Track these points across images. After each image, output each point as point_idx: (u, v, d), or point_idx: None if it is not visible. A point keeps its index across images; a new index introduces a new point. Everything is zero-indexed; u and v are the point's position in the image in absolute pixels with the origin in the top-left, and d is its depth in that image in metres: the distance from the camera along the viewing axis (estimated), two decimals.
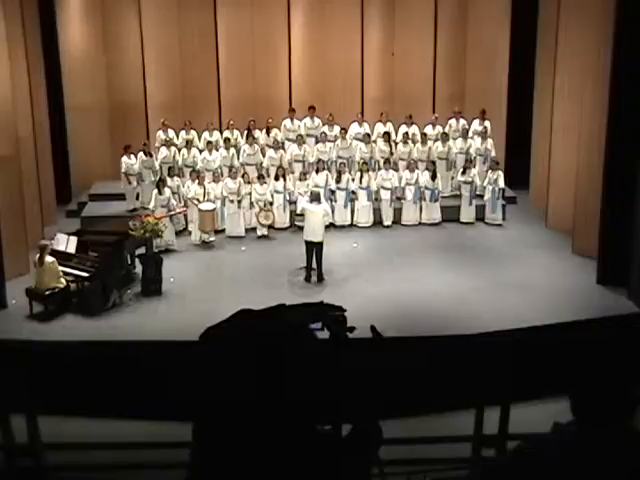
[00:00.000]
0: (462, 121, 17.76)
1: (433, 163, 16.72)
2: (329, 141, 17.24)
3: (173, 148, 17.16)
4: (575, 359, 2.97)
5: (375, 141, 17.43)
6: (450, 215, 16.63)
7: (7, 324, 12.35)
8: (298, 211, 15.60)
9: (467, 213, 16.67)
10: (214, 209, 15.62)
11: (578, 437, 2.46)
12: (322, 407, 2.40)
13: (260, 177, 16.22)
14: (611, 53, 12.70)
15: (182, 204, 15.98)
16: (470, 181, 16.66)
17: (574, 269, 14.03)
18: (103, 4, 18.11)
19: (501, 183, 16.44)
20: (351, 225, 16.49)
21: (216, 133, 17.49)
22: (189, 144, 17.06)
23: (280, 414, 2.28)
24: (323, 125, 17.48)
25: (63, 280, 12.70)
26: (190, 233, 15.95)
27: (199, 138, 17.41)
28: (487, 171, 16.75)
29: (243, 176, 16.21)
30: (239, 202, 16.03)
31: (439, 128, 17.63)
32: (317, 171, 16.38)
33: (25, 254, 13.94)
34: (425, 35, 18.47)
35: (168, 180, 16.09)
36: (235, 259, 15.11)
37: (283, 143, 17.24)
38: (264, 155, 17.07)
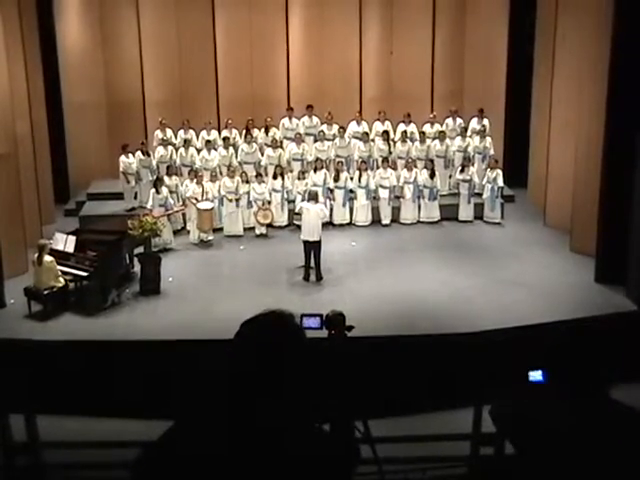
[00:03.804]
0: (459, 120, 17.78)
1: (432, 162, 16.74)
2: (327, 140, 17.25)
3: (170, 147, 17.17)
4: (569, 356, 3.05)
5: (373, 140, 17.45)
6: (449, 214, 16.64)
7: (5, 323, 12.34)
8: (296, 210, 15.62)
9: (465, 212, 16.68)
10: (212, 208, 15.62)
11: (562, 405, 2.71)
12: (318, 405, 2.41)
13: (258, 176, 16.23)
14: (609, 51, 12.70)
15: (180, 203, 15.99)
16: (468, 179, 16.67)
17: (572, 267, 14.04)
18: (101, 2, 18.10)
19: (500, 181, 16.44)
20: (350, 224, 16.50)
21: (214, 132, 17.49)
22: (187, 143, 17.07)
23: (278, 409, 2.30)
24: (321, 124, 17.49)
25: (61, 279, 12.70)
26: (188, 232, 15.95)
27: (197, 137, 17.42)
28: (486, 169, 16.77)
29: (241, 175, 16.22)
30: (237, 201, 16.03)
31: (437, 126, 17.64)
32: (315, 170, 16.39)
33: (23, 253, 13.93)
34: (423, 34, 18.47)
35: (166, 179, 16.09)
36: (233, 258, 15.11)
37: (281, 142, 17.24)
38: (262, 154, 17.08)
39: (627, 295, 12.68)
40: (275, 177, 16.32)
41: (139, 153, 16.87)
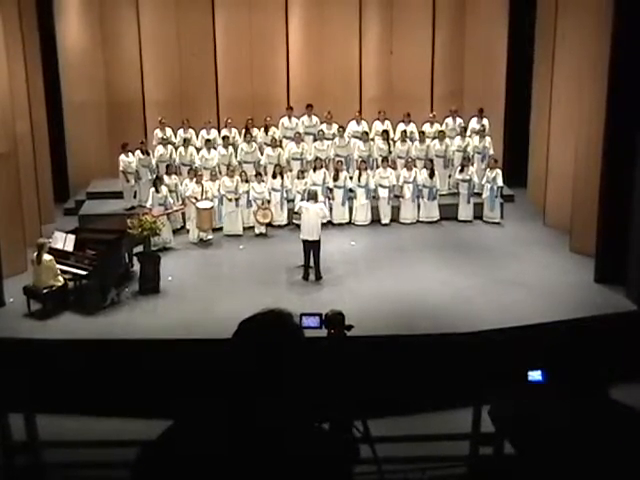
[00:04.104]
0: (458, 119, 17.78)
1: (431, 161, 16.73)
2: (327, 139, 17.25)
3: (170, 146, 17.17)
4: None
5: (373, 139, 17.44)
6: (448, 213, 16.63)
7: (5, 322, 12.34)
8: (296, 209, 15.62)
9: (465, 211, 16.67)
10: (212, 207, 15.62)
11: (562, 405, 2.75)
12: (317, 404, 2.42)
13: (258, 175, 16.23)
14: (609, 51, 12.70)
15: (180, 202, 16.00)
16: (468, 179, 16.66)
17: (572, 267, 14.03)
18: (101, 2, 18.09)
19: (499, 181, 16.43)
20: (349, 223, 16.50)
21: (214, 131, 17.49)
22: (187, 142, 17.07)
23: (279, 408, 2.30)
24: (321, 123, 17.49)
25: (61, 278, 12.70)
26: (188, 231, 15.95)
27: (197, 136, 17.42)
28: (485, 169, 16.77)
29: (241, 174, 16.22)
30: (237, 200, 16.03)
31: (437, 126, 17.64)
32: (315, 169, 16.39)
33: (23, 252, 13.92)
34: (423, 34, 18.46)
35: (166, 178, 16.09)
36: (233, 257, 15.11)
37: (281, 141, 17.24)
38: (262, 153, 17.08)
39: (627, 295, 12.68)
40: (274, 176, 16.32)
41: (139, 152, 16.87)
